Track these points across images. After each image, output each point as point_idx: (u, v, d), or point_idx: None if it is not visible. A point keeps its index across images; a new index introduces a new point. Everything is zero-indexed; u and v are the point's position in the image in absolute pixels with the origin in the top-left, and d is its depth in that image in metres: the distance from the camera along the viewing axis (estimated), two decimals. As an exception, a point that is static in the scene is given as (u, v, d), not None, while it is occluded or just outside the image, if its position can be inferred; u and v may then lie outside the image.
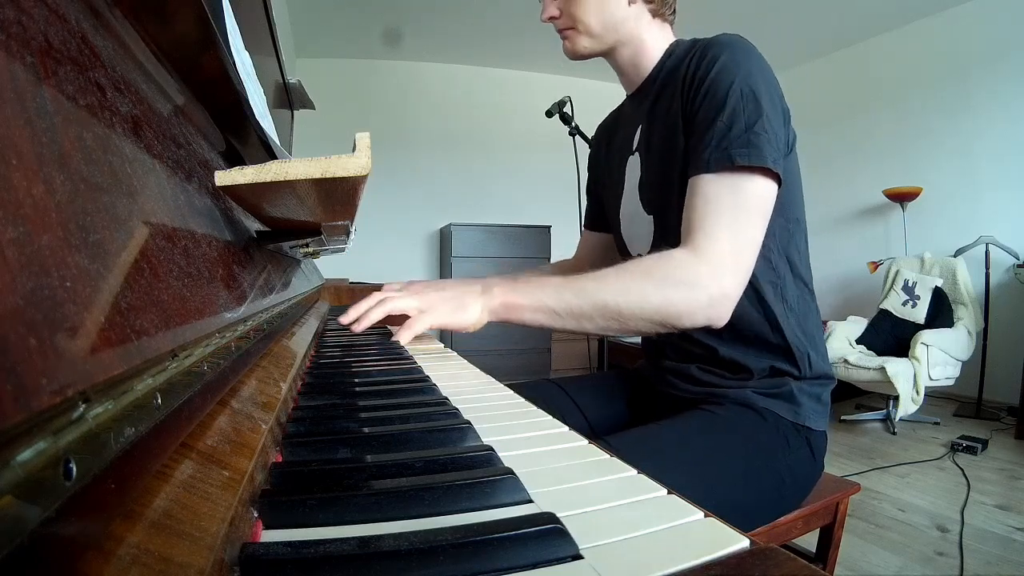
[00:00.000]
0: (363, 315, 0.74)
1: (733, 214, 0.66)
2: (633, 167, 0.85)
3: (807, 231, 0.80)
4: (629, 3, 0.78)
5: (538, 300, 0.70)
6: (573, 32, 0.80)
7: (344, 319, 0.77)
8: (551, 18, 0.81)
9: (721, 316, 0.67)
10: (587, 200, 1.08)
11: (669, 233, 0.77)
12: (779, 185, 0.68)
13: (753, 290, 0.73)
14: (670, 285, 0.65)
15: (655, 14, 0.80)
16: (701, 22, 1.01)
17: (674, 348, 0.82)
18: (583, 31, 0.80)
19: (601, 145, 1.00)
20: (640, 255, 0.85)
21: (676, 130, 0.74)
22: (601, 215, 1.02)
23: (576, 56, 0.83)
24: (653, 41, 0.81)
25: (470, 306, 0.72)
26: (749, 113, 0.66)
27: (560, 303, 0.69)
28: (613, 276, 0.68)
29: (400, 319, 0.75)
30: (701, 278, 0.65)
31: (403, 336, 0.72)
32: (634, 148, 0.85)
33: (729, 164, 0.66)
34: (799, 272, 0.77)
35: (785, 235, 0.75)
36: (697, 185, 0.68)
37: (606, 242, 1.02)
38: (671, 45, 0.82)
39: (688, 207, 0.69)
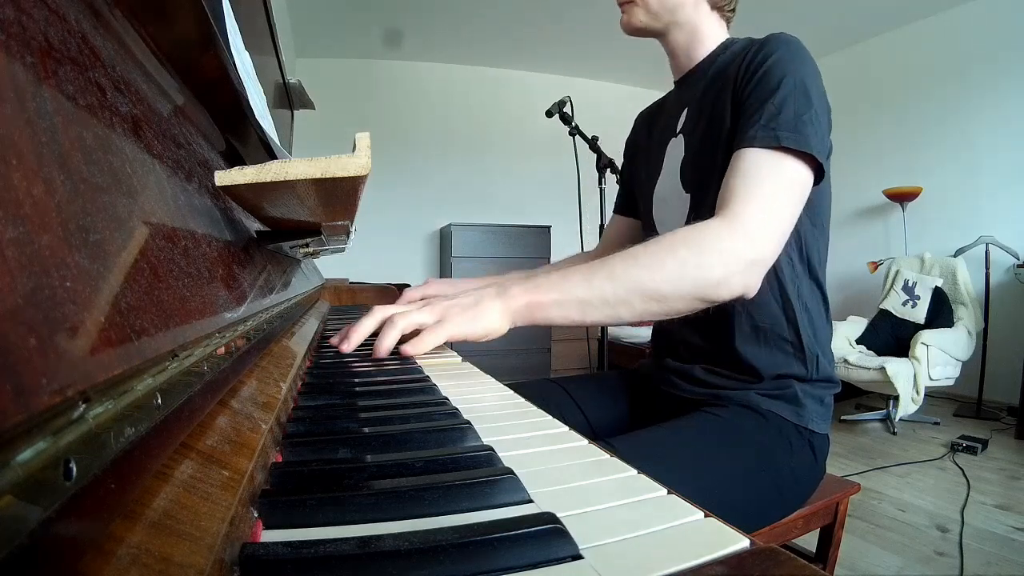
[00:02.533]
0: (380, 340, 0.65)
1: (771, 186, 0.65)
2: (675, 148, 0.86)
3: (828, 241, 0.80)
4: None
5: (566, 293, 0.64)
6: (631, 5, 0.82)
7: (345, 346, 0.68)
8: None
9: (755, 282, 0.66)
10: (620, 186, 1.09)
11: (705, 210, 0.77)
12: (818, 180, 0.69)
13: (776, 279, 0.74)
14: (704, 252, 0.63)
15: (713, 6, 0.82)
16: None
17: (686, 345, 0.82)
18: (641, 4, 0.81)
19: (642, 129, 1.01)
20: None
21: (724, 116, 0.75)
22: (632, 198, 1.02)
23: (632, 30, 0.85)
24: (708, 31, 0.83)
25: (487, 312, 0.65)
26: (800, 104, 0.67)
27: (591, 292, 0.64)
28: (643, 252, 0.65)
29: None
30: (736, 243, 0.63)
31: (416, 349, 0.65)
32: (678, 131, 0.86)
33: (775, 143, 0.65)
34: (816, 275, 0.78)
35: (809, 235, 0.75)
36: (739, 158, 0.68)
37: (635, 227, 1.02)
38: (726, 40, 0.83)
39: (727, 179, 0.68)
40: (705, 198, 0.78)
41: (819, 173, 0.68)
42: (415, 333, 0.67)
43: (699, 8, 0.82)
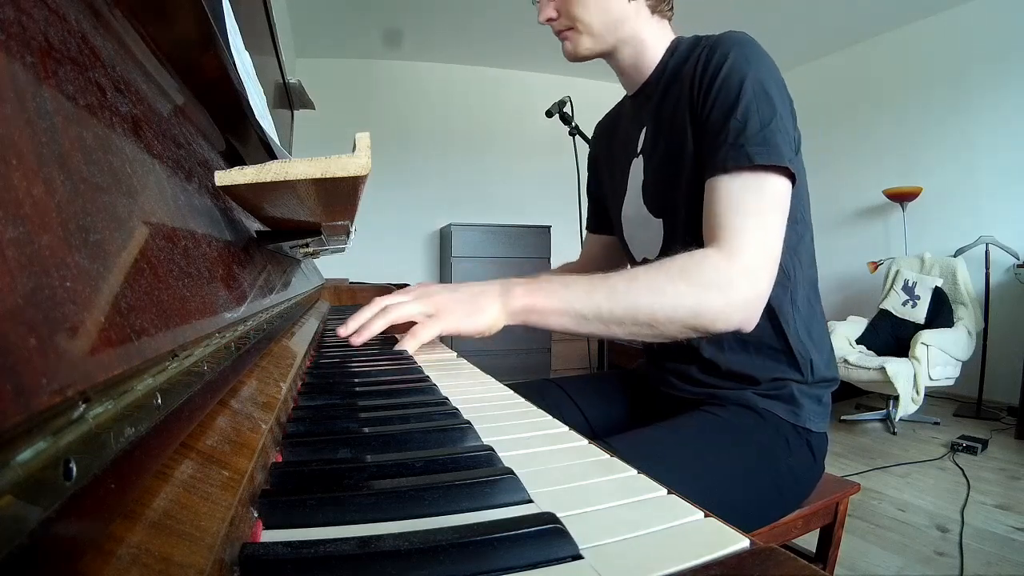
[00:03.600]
0: (364, 326, 0.68)
1: (759, 214, 0.65)
2: (637, 170, 0.84)
3: (812, 231, 0.79)
4: (629, 0, 0.77)
5: (565, 303, 0.65)
6: (573, 32, 0.79)
7: (343, 331, 0.69)
8: (549, 20, 0.79)
9: (752, 319, 0.65)
10: (588, 202, 1.07)
11: (679, 236, 0.77)
12: (793, 184, 0.68)
13: None
14: (706, 287, 0.63)
15: (653, 10, 0.79)
16: (700, 24, 1.01)
17: (674, 358, 0.82)
18: (583, 31, 0.78)
19: (601, 146, 0.99)
20: (646, 259, 0.84)
21: (683, 131, 0.73)
22: (604, 216, 1.01)
23: (576, 58, 0.81)
24: (654, 39, 0.80)
25: (486, 308, 0.66)
26: (763, 111, 0.66)
27: (589, 307, 0.65)
28: (644, 277, 0.65)
29: (406, 327, 0.70)
30: (735, 280, 0.63)
31: (408, 344, 0.67)
32: (638, 151, 0.84)
33: (747, 162, 0.64)
34: (808, 273, 0.77)
35: (794, 236, 0.74)
36: (717, 186, 0.67)
37: (611, 244, 1.01)
38: (672, 43, 0.80)
39: (710, 208, 0.67)
40: (676, 222, 0.77)
41: (792, 178, 0.67)
42: (411, 326, 0.68)
43: (640, 16, 0.78)
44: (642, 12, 0.78)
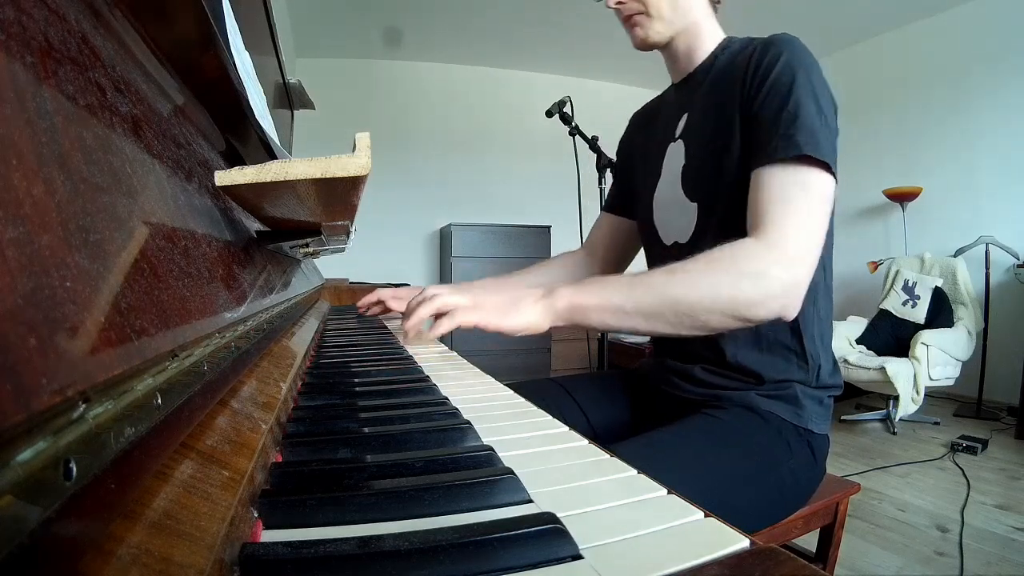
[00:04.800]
0: (414, 314, 0.74)
1: (802, 205, 0.65)
2: (674, 154, 0.84)
3: (833, 243, 0.79)
4: None
5: (606, 299, 0.67)
6: (643, 17, 0.78)
7: (407, 326, 0.77)
8: (619, 3, 0.79)
9: (793, 306, 0.65)
10: (613, 183, 1.07)
11: (714, 221, 0.77)
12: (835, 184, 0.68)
13: None
14: (742, 275, 0.63)
15: (712, 2, 0.81)
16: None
17: (686, 349, 0.82)
18: (655, 15, 0.77)
19: (637, 130, 1.00)
20: (677, 242, 0.84)
21: (731, 122, 0.74)
22: (627, 198, 1.00)
23: (647, 45, 0.81)
24: (708, 31, 0.81)
25: (525, 309, 0.69)
26: (812, 110, 0.66)
27: (630, 301, 0.66)
28: (682, 270, 0.66)
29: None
30: (772, 267, 0.63)
31: (444, 325, 0.69)
32: (677, 135, 0.84)
33: (796, 151, 0.65)
34: (828, 281, 0.77)
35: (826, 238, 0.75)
36: (763, 176, 0.67)
37: (624, 227, 1.01)
38: (725, 40, 0.82)
39: (755, 198, 0.68)
40: (713, 207, 0.77)
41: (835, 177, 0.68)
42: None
43: (702, 6, 0.80)
44: (704, 3, 0.80)
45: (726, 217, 0.74)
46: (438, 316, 0.72)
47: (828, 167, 0.66)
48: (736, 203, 0.72)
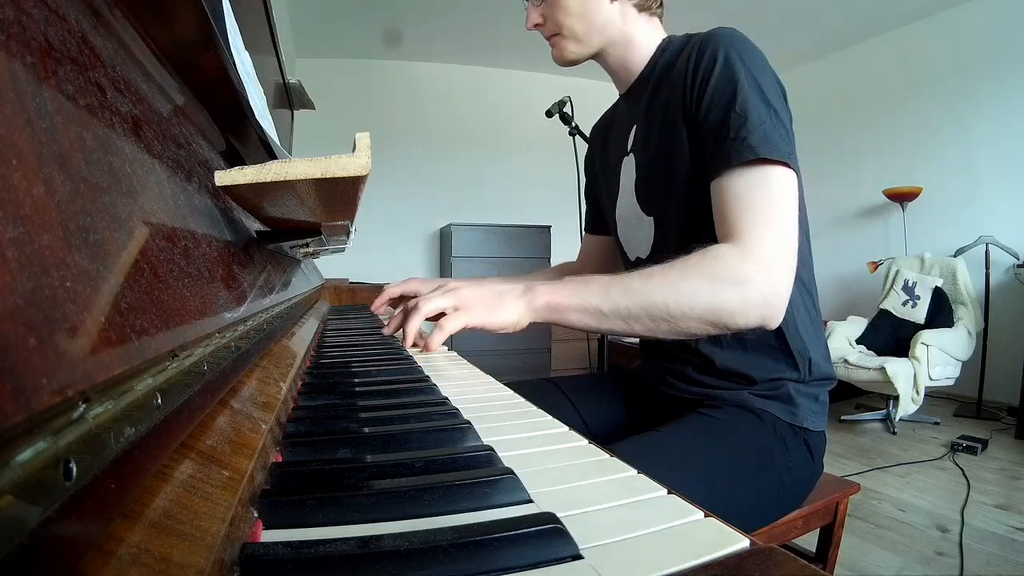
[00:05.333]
0: (406, 328, 0.74)
1: (770, 209, 0.64)
2: (628, 167, 0.84)
3: (809, 231, 0.79)
4: (612, 1, 0.76)
5: (584, 300, 0.66)
6: (559, 38, 0.79)
7: (387, 330, 0.81)
8: (536, 25, 0.80)
9: (775, 315, 0.64)
10: (586, 204, 1.07)
11: (672, 234, 0.76)
12: (798, 178, 0.67)
13: None
14: (721, 283, 0.62)
15: (641, 8, 0.79)
16: (699, 24, 1.01)
17: (670, 356, 0.82)
18: (569, 36, 0.78)
19: (596, 147, 0.99)
20: (639, 258, 0.84)
21: (676, 129, 0.73)
22: (601, 218, 1.01)
23: (565, 62, 0.81)
24: (642, 38, 0.80)
25: (508, 305, 0.68)
26: (760, 107, 0.65)
27: (607, 303, 0.65)
28: (659, 274, 0.65)
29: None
30: (752, 276, 0.62)
31: (437, 338, 0.68)
32: (629, 148, 0.84)
33: (752, 155, 0.64)
34: (800, 273, 0.76)
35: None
36: (724, 184, 0.66)
37: (608, 245, 1.01)
38: (663, 41, 0.80)
39: (719, 209, 0.67)
40: (668, 220, 0.77)
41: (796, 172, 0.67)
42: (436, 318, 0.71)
43: (627, 17, 0.78)
44: (628, 12, 0.78)
45: (681, 230, 0.73)
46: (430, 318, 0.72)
47: (785, 164, 0.65)
48: (689, 215, 0.71)
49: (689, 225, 0.72)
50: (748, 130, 0.64)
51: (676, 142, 0.73)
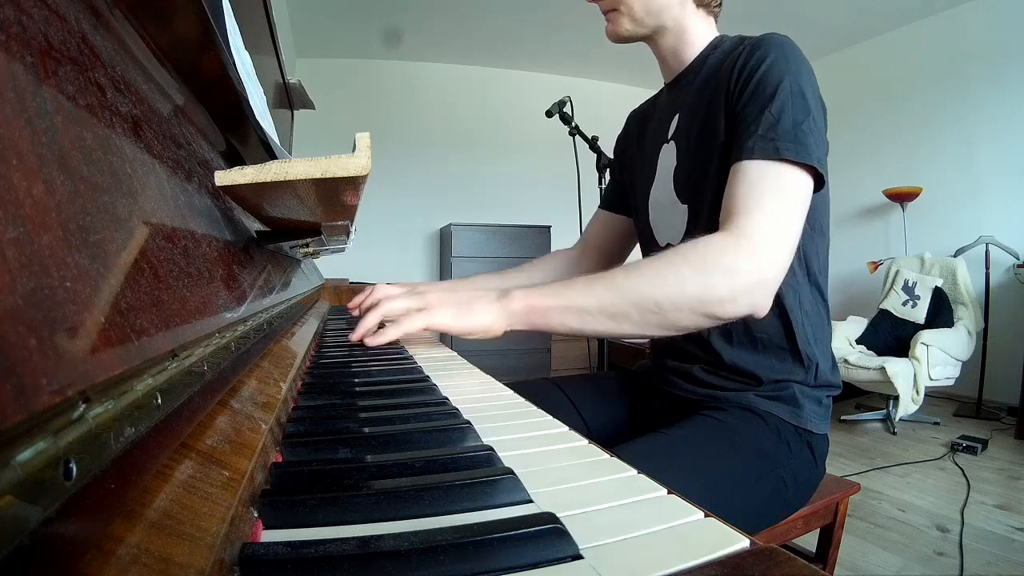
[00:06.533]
0: (364, 326, 0.73)
1: (774, 200, 0.64)
2: (667, 155, 0.85)
3: (829, 243, 0.79)
4: None
5: (566, 300, 0.64)
6: (616, 14, 0.80)
7: (354, 337, 0.76)
8: None
9: (763, 303, 0.63)
10: (609, 181, 1.07)
11: (702, 223, 0.77)
12: (819, 187, 0.67)
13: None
14: (708, 270, 0.61)
15: (699, 4, 0.80)
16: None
17: (679, 352, 0.82)
18: (626, 12, 0.79)
19: (633, 129, 1.00)
20: (670, 244, 0.84)
21: (717, 122, 0.74)
22: (622, 197, 1.01)
23: (618, 38, 0.83)
24: (696, 31, 0.81)
25: (479, 310, 0.66)
26: (798, 111, 0.66)
27: (591, 301, 0.63)
28: (645, 266, 0.64)
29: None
30: (740, 262, 0.61)
31: (389, 334, 0.68)
32: (669, 136, 0.85)
33: (774, 154, 0.64)
34: (816, 280, 0.77)
35: (808, 241, 0.74)
36: (739, 170, 0.66)
37: (619, 225, 1.01)
38: (715, 39, 0.81)
39: (728, 191, 0.67)
40: (701, 209, 0.77)
41: (819, 181, 0.67)
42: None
43: (685, 8, 0.79)
44: (687, 4, 0.80)
45: (712, 219, 0.73)
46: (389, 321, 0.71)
47: (809, 168, 0.65)
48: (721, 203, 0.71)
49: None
50: (777, 132, 0.65)
51: (716, 133, 0.74)
